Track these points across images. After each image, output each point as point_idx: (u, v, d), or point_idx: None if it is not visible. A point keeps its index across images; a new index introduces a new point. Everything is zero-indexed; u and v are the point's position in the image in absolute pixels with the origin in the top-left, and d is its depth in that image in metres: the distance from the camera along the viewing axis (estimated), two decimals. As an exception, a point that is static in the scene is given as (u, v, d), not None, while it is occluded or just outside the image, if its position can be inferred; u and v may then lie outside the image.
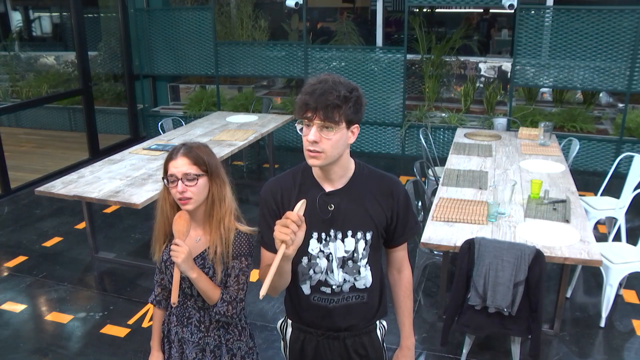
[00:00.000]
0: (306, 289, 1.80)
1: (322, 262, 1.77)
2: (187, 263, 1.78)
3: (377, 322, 1.92)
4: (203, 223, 1.89)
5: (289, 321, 1.93)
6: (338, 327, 1.83)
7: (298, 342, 1.90)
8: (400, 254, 1.89)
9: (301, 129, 1.64)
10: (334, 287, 1.78)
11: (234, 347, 1.99)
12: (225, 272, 1.87)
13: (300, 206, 1.54)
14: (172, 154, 1.84)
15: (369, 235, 1.75)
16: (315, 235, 1.74)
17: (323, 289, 1.79)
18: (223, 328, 1.97)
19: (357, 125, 1.67)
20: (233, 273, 1.87)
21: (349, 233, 1.75)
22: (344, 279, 1.78)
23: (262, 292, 1.48)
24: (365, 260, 1.77)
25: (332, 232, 1.74)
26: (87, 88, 6.81)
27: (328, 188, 1.74)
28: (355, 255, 1.76)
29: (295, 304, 1.86)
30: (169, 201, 1.89)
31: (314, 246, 1.75)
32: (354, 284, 1.79)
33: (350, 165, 1.76)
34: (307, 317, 1.85)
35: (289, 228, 1.49)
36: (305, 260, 1.77)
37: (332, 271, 1.77)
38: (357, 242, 1.75)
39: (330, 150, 1.63)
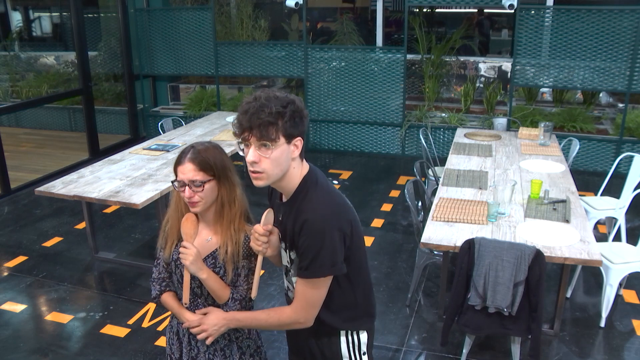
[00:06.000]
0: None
1: (283, 267, 1.88)
2: (195, 264, 1.81)
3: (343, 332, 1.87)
4: (214, 223, 1.90)
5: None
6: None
7: None
8: (297, 288, 1.73)
9: (243, 150, 1.61)
10: (287, 292, 1.91)
11: (244, 345, 2.01)
12: (235, 272, 1.89)
13: (265, 215, 1.70)
14: (180, 157, 1.84)
15: (292, 255, 1.75)
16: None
17: (289, 293, 1.89)
18: None
19: (299, 138, 1.62)
20: (243, 272, 1.89)
21: (283, 246, 1.79)
22: (287, 287, 1.89)
23: (253, 294, 1.81)
24: (295, 277, 1.78)
25: (282, 241, 1.79)
26: (87, 88, 6.80)
27: (284, 198, 1.75)
28: (291, 267, 1.80)
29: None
30: (184, 200, 1.89)
31: (282, 248, 1.83)
32: (291, 294, 1.84)
33: (296, 180, 1.69)
34: None
35: (259, 240, 1.70)
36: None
37: (283, 277, 1.90)
38: (288, 256, 1.79)
39: (270, 168, 1.59)
